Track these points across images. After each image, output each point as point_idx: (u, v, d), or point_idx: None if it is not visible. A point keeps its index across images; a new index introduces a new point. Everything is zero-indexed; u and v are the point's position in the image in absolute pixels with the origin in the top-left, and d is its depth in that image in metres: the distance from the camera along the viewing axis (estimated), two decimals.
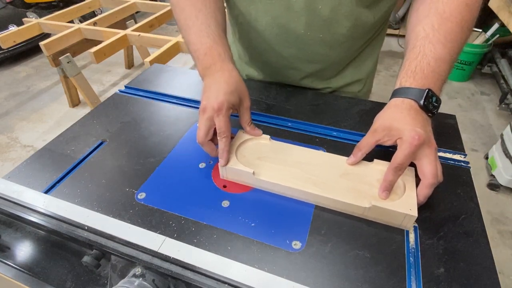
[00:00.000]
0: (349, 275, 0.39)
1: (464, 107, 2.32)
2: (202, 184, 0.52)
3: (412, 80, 0.48)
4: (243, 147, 0.54)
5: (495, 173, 1.68)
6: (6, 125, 2.23)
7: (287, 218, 0.46)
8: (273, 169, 0.50)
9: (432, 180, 0.43)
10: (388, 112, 0.48)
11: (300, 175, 0.49)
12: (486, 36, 2.29)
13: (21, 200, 0.45)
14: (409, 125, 0.44)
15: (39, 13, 3.12)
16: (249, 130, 0.55)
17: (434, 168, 0.43)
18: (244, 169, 0.49)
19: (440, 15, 0.49)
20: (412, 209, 0.42)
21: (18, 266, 0.44)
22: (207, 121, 0.49)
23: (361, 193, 0.46)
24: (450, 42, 0.48)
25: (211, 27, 0.56)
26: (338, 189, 0.46)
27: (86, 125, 0.65)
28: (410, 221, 0.43)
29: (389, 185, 0.45)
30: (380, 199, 0.44)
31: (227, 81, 0.51)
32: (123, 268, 0.39)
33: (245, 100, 0.54)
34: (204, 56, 0.54)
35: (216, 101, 0.48)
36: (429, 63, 0.48)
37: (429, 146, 0.44)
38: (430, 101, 0.46)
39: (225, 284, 0.35)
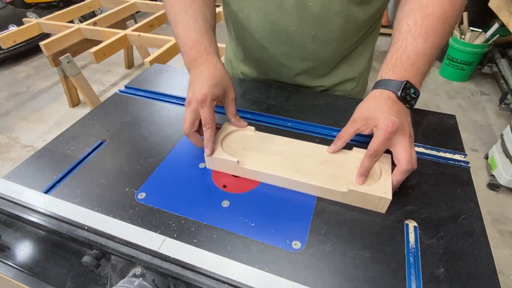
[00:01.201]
0: (349, 275, 0.39)
1: (464, 107, 2.33)
2: (202, 184, 0.52)
3: (391, 73, 0.50)
4: (229, 138, 0.56)
5: (495, 173, 1.68)
6: (6, 125, 2.23)
7: (287, 218, 0.46)
8: (257, 158, 0.52)
9: (406, 166, 0.45)
10: (367, 102, 0.50)
11: (283, 163, 0.51)
12: (486, 36, 2.29)
13: (21, 200, 0.45)
14: (384, 114, 0.46)
15: (39, 13, 3.12)
16: (234, 121, 0.57)
17: (408, 155, 0.45)
18: (229, 159, 0.51)
19: (423, 10, 0.50)
20: (387, 192, 0.45)
21: (18, 266, 0.44)
22: (192, 112, 0.50)
23: (340, 179, 0.48)
24: (432, 37, 0.50)
25: (198, 21, 0.57)
26: (319, 176, 0.49)
27: (86, 125, 0.65)
28: (385, 204, 0.45)
29: (365, 171, 0.47)
30: (357, 184, 0.47)
31: (212, 74, 0.53)
32: (123, 268, 0.39)
33: (229, 92, 0.55)
34: (190, 50, 0.56)
35: (201, 93, 0.50)
36: (409, 56, 0.49)
37: (403, 134, 0.46)
38: (408, 92, 0.48)
39: (225, 284, 0.35)
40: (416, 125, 0.63)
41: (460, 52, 2.41)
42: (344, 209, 0.47)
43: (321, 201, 0.48)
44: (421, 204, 0.47)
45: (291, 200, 0.49)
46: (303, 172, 0.49)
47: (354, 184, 0.47)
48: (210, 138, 0.51)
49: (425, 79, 0.52)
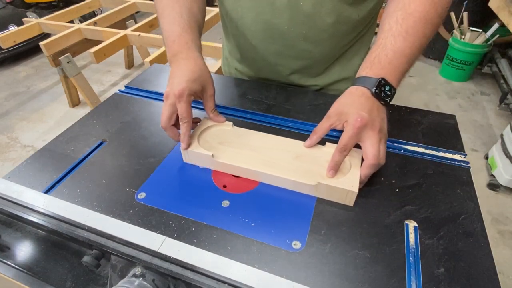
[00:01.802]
0: (349, 275, 0.39)
1: (464, 107, 2.32)
2: (202, 184, 0.52)
3: (368, 70, 0.51)
4: (207, 132, 0.57)
5: (495, 173, 1.68)
6: (6, 125, 2.23)
7: (287, 218, 0.46)
8: (233, 152, 0.53)
9: (373, 161, 0.46)
10: (342, 98, 0.51)
11: (257, 157, 0.52)
12: (486, 36, 2.29)
13: (21, 200, 0.45)
14: (355, 109, 0.47)
15: (39, 13, 3.12)
16: (212, 116, 0.58)
17: (375, 150, 0.46)
18: (204, 152, 0.52)
19: (405, 10, 0.51)
20: (353, 186, 0.46)
21: (18, 266, 0.44)
22: (169, 107, 0.51)
23: (311, 173, 0.49)
24: (412, 36, 0.50)
25: (183, 17, 0.58)
26: (290, 170, 0.50)
27: (86, 125, 0.65)
28: (352, 197, 0.47)
29: (335, 165, 0.48)
30: (327, 178, 0.48)
31: (191, 69, 0.53)
32: (123, 268, 0.39)
33: (208, 88, 0.56)
34: (172, 44, 0.57)
35: (178, 88, 0.50)
36: (387, 54, 0.50)
37: (373, 129, 0.47)
38: (383, 89, 0.49)
39: (225, 284, 0.35)
40: (416, 125, 0.63)
41: (460, 52, 2.41)
42: (344, 209, 0.47)
43: (321, 202, 0.48)
44: (421, 204, 0.47)
45: (291, 200, 0.49)
46: (275, 166, 0.50)
47: (324, 178, 0.48)
48: (186, 133, 0.52)
49: (404, 77, 0.53)
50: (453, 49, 2.45)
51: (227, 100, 0.71)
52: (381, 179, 0.52)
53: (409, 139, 0.59)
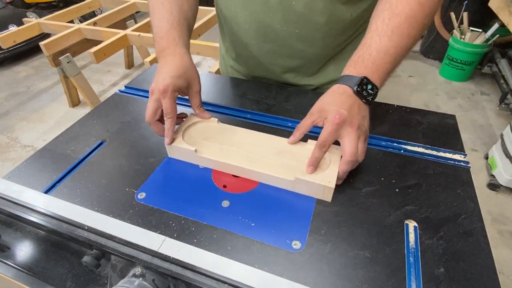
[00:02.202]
0: (349, 275, 0.39)
1: (464, 107, 2.32)
2: (202, 184, 0.52)
3: (352, 69, 0.51)
4: (192, 128, 0.58)
5: (495, 173, 1.68)
6: (6, 125, 2.23)
7: (287, 218, 0.46)
8: (216, 148, 0.54)
9: (350, 157, 0.47)
10: (325, 96, 0.52)
11: (239, 153, 0.53)
12: (486, 36, 2.29)
13: (21, 200, 0.45)
14: (335, 106, 0.48)
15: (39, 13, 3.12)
16: (198, 112, 0.59)
17: (353, 147, 0.47)
18: (187, 147, 0.53)
19: (392, 10, 0.51)
20: (331, 181, 0.46)
21: (18, 266, 0.44)
22: (154, 102, 0.52)
23: (290, 169, 0.50)
24: (397, 36, 0.50)
25: (173, 13, 0.59)
26: (271, 165, 0.51)
27: (86, 125, 0.65)
28: (329, 193, 0.47)
29: (315, 161, 0.49)
30: (304, 173, 0.48)
31: (176, 65, 0.54)
32: (123, 268, 0.39)
33: (194, 84, 0.57)
34: (160, 40, 0.57)
35: (163, 83, 0.51)
36: (371, 54, 0.51)
37: (351, 126, 0.47)
38: (365, 88, 0.50)
39: (225, 284, 0.35)
40: (416, 125, 0.63)
41: (460, 52, 2.41)
42: (344, 209, 0.47)
43: (321, 202, 0.48)
44: (421, 204, 0.47)
45: (291, 200, 0.49)
46: (256, 161, 0.51)
47: (302, 173, 0.48)
48: (170, 128, 0.53)
49: (388, 77, 0.53)
50: (453, 49, 2.45)
51: (227, 100, 0.71)
52: (381, 179, 0.52)
53: (409, 139, 0.59)
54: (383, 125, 0.63)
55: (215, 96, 0.73)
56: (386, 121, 0.64)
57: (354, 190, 0.50)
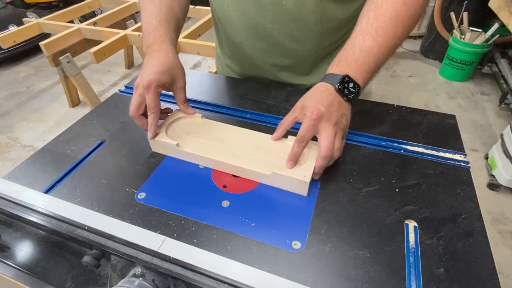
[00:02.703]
0: (349, 275, 0.39)
1: (464, 107, 2.32)
2: (202, 184, 0.52)
3: (335, 67, 0.52)
4: (176, 123, 0.60)
5: (495, 173, 1.68)
6: (6, 125, 2.23)
7: (287, 218, 0.46)
8: (197, 142, 0.56)
9: (325, 153, 0.47)
10: (308, 93, 0.53)
11: (220, 148, 0.54)
12: (486, 36, 2.29)
13: (21, 200, 0.45)
14: (314, 103, 0.49)
15: (39, 13, 3.11)
16: (182, 108, 0.60)
17: (328, 142, 0.48)
18: (169, 141, 0.54)
19: (377, 10, 0.52)
20: (306, 176, 0.47)
21: (18, 266, 0.44)
22: (138, 97, 0.53)
23: (268, 163, 0.51)
24: (381, 36, 0.51)
25: (161, 10, 0.60)
26: (250, 160, 0.52)
27: (86, 125, 0.65)
28: (305, 187, 0.48)
29: (294, 156, 0.50)
30: (282, 168, 0.49)
31: (161, 61, 0.55)
32: (123, 268, 0.39)
33: (178, 80, 0.58)
34: (148, 36, 0.59)
35: (146, 79, 0.52)
36: (354, 53, 0.51)
37: (329, 122, 0.48)
38: (346, 86, 0.50)
39: (225, 284, 0.35)
40: (416, 125, 0.63)
41: (460, 52, 2.40)
42: (344, 209, 0.47)
43: (321, 202, 0.48)
44: (421, 204, 0.47)
45: (291, 200, 0.49)
46: (236, 156, 0.53)
47: (279, 168, 0.49)
48: (153, 122, 0.54)
49: (372, 76, 0.54)
50: (453, 49, 2.45)
51: (227, 100, 0.71)
52: (381, 179, 0.52)
53: (409, 139, 0.59)
54: (383, 125, 0.63)
55: (215, 96, 0.73)
56: (386, 121, 0.64)
57: (354, 190, 0.50)
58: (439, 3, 2.54)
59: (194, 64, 2.93)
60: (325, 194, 0.50)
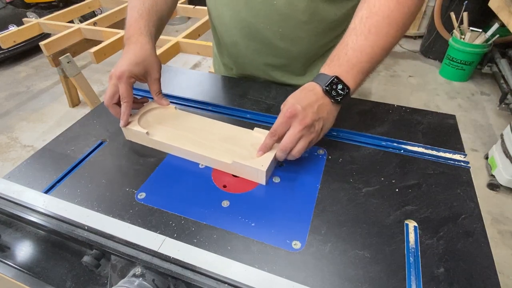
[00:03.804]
0: (349, 275, 0.39)
1: (464, 107, 2.32)
2: (202, 184, 0.52)
3: (326, 67, 0.52)
4: (150, 113, 0.62)
5: (495, 173, 1.68)
6: (6, 125, 2.23)
7: (287, 218, 0.46)
8: (168, 132, 0.58)
9: (282, 148, 0.48)
10: (295, 92, 0.52)
11: (189, 137, 0.57)
12: (486, 36, 2.29)
13: (21, 200, 0.45)
14: (294, 100, 0.49)
15: (39, 13, 3.11)
16: (156, 99, 0.62)
17: (289, 141, 0.48)
18: (139, 130, 0.56)
19: (370, 9, 0.51)
20: (263, 165, 0.49)
21: (18, 266, 0.44)
22: (112, 87, 0.56)
23: (232, 153, 0.53)
24: (374, 35, 0.50)
25: (144, 4, 0.62)
26: (215, 149, 0.54)
27: (86, 125, 0.65)
28: (262, 176, 0.50)
29: (264, 147, 0.51)
30: (244, 158, 0.51)
31: (135, 53, 0.57)
32: (123, 268, 0.39)
33: (153, 72, 0.60)
34: (128, 28, 0.61)
35: (119, 69, 0.55)
36: (347, 52, 0.51)
37: (300, 123, 0.47)
38: (334, 87, 0.50)
39: (225, 284, 0.35)
40: (416, 125, 0.63)
41: (460, 52, 2.40)
42: (344, 209, 0.47)
43: (321, 202, 0.48)
44: (421, 204, 0.47)
45: (291, 200, 0.49)
46: (202, 145, 0.55)
47: (241, 158, 0.51)
48: (126, 111, 0.56)
49: (365, 77, 0.53)
50: (453, 49, 2.44)
51: (227, 100, 0.71)
52: (381, 179, 0.52)
53: (409, 139, 0.59)
54: (383, 125, 0.63)
55: (215, 96, 0.73)
56: (386, 121, 0.64)
57: (354, 190, 0.50)
58: (439, 3, 2.54)
59: (194, 64, 2.92)
60: (325, 194, 0.50)
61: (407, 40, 3.20)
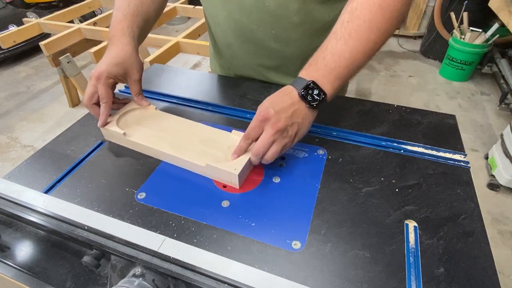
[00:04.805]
0: (349, 275, 0.39)
1: (464, 107, 2.32)
2: (202, 184, 0.52)
3: (304, 71, 0.51)
4: (130, 114, 0.62)
5: (495, 173, 1.68)
6: (6, 125, 2.23)
7: (287, 218, 0.46)
8: (145, 133, 0.58)
9: (255, 152, 0.48)
10: (272, 95, 0.51)
11: (166, 139, 0.56)
12: (486, 36, 2.29)
13: (21, 200, 0.45)
14: (268, 104, 0.49)
15: (39, 13, 3.11)
16: (136, 100, 0.62)
17: (261, 146, 0.47)
18: (117, 130, 0.56)
19: (352, 13, 0.50)
20: (236, 169, 0.49)
21: (18, 266, 0.44)
22: (91, 87, 0.56)
23: (207, 155, 0.53)
24: (354, 40, 0.49)
25: (130, 5, 0.62)
26: (191, 151, 0.54)
27: (86, 125, 0.65)
28: (235, 179, 0.49)
29: (239, 150, 0.50)
30: (215, 161, 0.50)
31: (115, 54, 0.57)
32: (123, 268, 0.39)
33: (132, 73, 0.59)
34: (111, 28, 0.61)
35: (98, 70, 0.55)
36: (325, 57, 0.50)
37: (272, 127, 0.47)
38: (310, 92, 0.49)
39: (225, 284, 0.35)
40: (416, 125, 0.63)
41: (460, 52, 2.40)
42: (344, 209, 0.47)
43: (321, 202, 0.48)
44: (421, 204, 0.47)
45: (291, 200, 0.49)
46: (178, 147, 0.54)
47: (215, 161, 0.51)
48: (104, 112, 0.56)
49: (343, 82, 0.51)
50: (453, 49, 2.45)
51: (227, 100, 0.71)
52: (381, 179, 0.52)
53: (409, 139, 0.59)
54: (383, 125, 0.63)
55: (215, 96, 0.73)
56: (386, 121, 0.64)
57: (354, 190, 0.50)
58: (439, 3, 2.54)
59: (194, 64, 2.92)
60: (325, 194, 0.50)
61: (407, 40, 3.20)
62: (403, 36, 3.20)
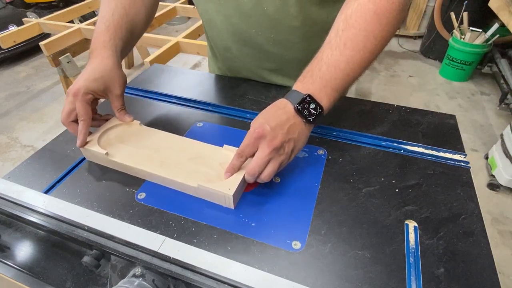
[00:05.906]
0: (349, 275, 0.39)
1: (464, 107, 2.32)
2: None
3: (299, 84, 0.49)
4: (112, 130, 0.58)
5: (495, 173, 1.68)
6: (6, 125, 2.23)
7: (287, 218, 0.46)
8: (129, 151, 0.54)
9: (250, 171, 0.45)
10: (266, 109, 0.49)
11: (152, 157, 0.52)
12: (486, 36, 2.29)
13: (21, 200, 0.45)
14: (263, 120, 0.46)
15: (39, 13, 3.12)
16: (118, 116, 0.58)
17: (256, 165, 0.45)
18: (98, 150, 0.52)
19: (347, 21, 0.48)
20: (230, 189, 0.45)
21: (18, 266, 0.44)
22: (68, 104, 0.53)
23: (198, 175, 0.49)
24: (349, 50, 0.47)
25: (114, 16, 0.59)
26: (181, 171, 0.50)
27: None
28: (230, 200, 0.46)
29: (231, 168, 0.47)
30: (207, 181, 0.47)
31: (94, 68, 0.54)
32: (123, 268, 0.39)
33: (114, 88, 0.56)
34: (93, 40, 0.58)
35: (76, 86, 0.52)
36: (321, 68, 0.48)
37: (268, 145, 0.44)
38: (306, 106, 0.47)
39: (225, 284, 0.35)
40: (416, 125, 0.63)
41: (460, 52, 2.40)
42: (344, 209, 0.47)
43: (321, 202, 0.48)
44: (421, 204, 0.47)
45: (291, 200, 0.49)
46: (168, 166, 0.51)
47: (207, 181, 0.47)
48: (82, 130, 0.52)
49: (340, 94, 0.49)
50: (453, 49, 2.45)
51: (227, 100, 0.71)
52: (381, 179, 0.52)
53: (409, 139, 0.59)
54: (383, 125, 0.63)
55: (215, 96, 0.73)
56: (386, 121, 0.64)
57: (354, 190, 0.50)
58: (439, 3, 2.54)
59: (194, 64, 2.92)
60: (325, 194, 0.50)
61: (407, 40, 3.20)
62: (403, 36, 3.20)
